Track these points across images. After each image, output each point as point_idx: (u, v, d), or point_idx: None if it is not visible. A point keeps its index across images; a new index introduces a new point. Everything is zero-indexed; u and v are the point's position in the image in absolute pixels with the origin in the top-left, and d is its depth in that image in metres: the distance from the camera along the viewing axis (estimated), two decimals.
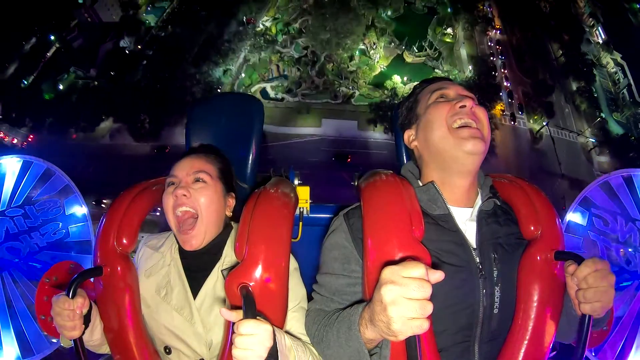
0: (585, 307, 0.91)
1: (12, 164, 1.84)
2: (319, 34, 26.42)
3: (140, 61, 27.46)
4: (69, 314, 0.97)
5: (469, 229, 1.05)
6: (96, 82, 26.31)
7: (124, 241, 1.17)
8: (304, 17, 28.71)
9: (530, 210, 1.07)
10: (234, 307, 0.97)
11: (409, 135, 1.19)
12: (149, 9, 30.81)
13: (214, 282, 1.18)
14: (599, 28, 29.58)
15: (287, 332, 1.03)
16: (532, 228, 1.05)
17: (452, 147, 1.03)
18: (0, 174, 1.82)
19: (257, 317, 0.83)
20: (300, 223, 1.58)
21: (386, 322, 0.72)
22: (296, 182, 1.55)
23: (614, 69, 27.93)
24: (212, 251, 1.21)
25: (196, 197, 1.16)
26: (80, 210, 1.86)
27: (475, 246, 1.02)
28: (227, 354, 1.03)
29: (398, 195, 1.00)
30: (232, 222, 1.30)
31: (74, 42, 28.96)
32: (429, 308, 0.69)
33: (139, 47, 28.33)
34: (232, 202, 1.28)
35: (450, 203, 1.07)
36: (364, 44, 28.37)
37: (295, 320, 1.09)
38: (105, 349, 1.21)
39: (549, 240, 1.02)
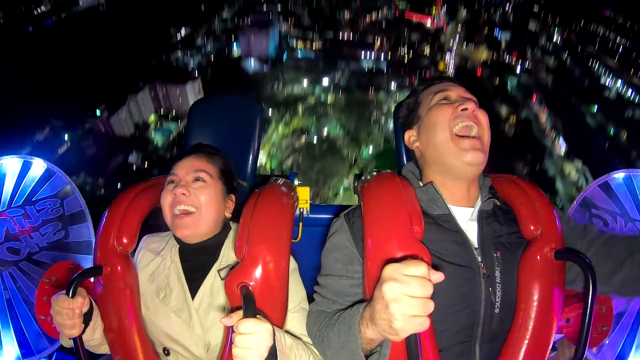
0: None
1: (12, 164, 1.84)
2: (308, 173, 29.74)
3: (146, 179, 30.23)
4: (69, 313, 0.97)
5: (470, 228, 1.05)
6: (103, 191, 27.58)
7: (124, 241, 1.17)
8: (294, 156, 32.12)
9: (530, 209, 1.07)
10: (233, 308, 0.97)
11: (409, 135, 1.19)
12: (157, 127, 32.73)
13: (211, 282, 1.17)
14: (560, 138, 31.48)
15: (288, 332, 1.03)
16: (532, 227, 1.04)
17: (452, 155, 1.04)
18: (1, 174, 1.83)
19: (257, 316, 0.83)
20: (300, 223, 1.58)
21: (388, 319, 0.72)
22: (296, 182, 1.56)
23: (577, 176, 29.26)
24: (210, 250, 1.21)
25: (196, 196, 1.16)
26: (80, 210, 1.86)
27: (476, 245, 1.02)
28: (227, 354, 1.03)
29: (398, 195, 1.00)
30: (231, 223, 1.29)
31: (87, 150, 30.66)
32: (430, 306, 0.69)
33: (146, 165, 30.06)
34: (231, 204, 1.28)
35: (450, 203, 1.07)
36: (348, 181, 31.19)
37: (296, 321, 1.09)
38: (105, 349, 1.20)
39: (549, 240, 1.02)
